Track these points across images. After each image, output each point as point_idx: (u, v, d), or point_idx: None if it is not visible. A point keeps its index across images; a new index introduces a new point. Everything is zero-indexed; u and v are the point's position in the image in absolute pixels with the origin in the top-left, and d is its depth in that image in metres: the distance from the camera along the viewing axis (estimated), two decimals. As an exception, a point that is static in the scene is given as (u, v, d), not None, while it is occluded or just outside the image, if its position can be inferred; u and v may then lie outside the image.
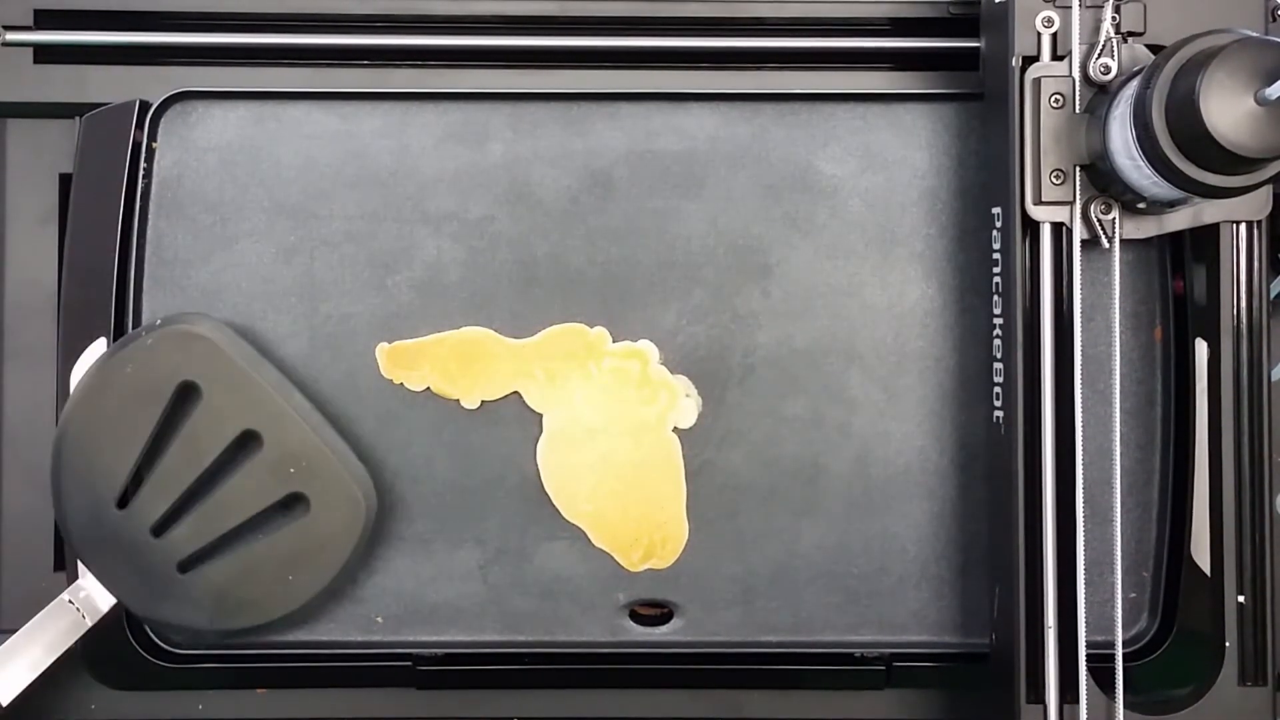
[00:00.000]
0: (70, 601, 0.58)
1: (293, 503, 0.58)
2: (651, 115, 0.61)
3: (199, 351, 0.57)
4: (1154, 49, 0.54)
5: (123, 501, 0.57)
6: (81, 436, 0.57)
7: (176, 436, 0.57)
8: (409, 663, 0.61)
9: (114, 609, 0.58)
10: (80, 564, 0.58)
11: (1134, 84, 0.51)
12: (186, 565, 0.58)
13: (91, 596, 0.58)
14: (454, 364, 0.61)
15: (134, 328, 0.60)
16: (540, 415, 0.61)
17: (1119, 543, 0.56)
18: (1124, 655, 0.55)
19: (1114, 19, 0.55)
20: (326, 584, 0.58)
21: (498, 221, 0.61)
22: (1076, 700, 0.55)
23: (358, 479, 0.58)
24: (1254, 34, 0.48)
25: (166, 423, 0.57)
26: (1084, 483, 0.56)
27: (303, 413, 0.58)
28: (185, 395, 0.57)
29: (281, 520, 0.58)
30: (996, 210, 0.57)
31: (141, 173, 0.60)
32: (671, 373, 0.61)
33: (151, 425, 0.57)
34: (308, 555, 0.58)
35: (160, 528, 0.57)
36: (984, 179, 0.60)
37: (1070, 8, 0.55)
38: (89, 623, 0.58)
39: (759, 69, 0.63)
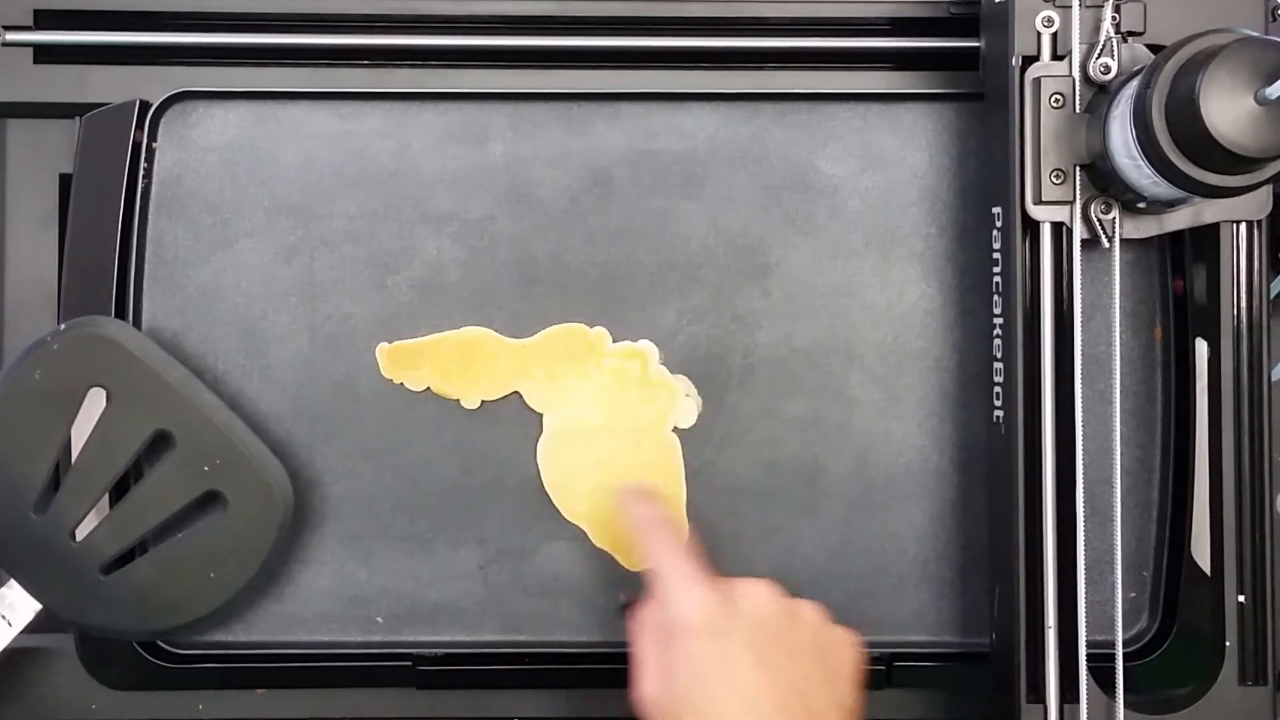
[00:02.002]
0: None
1: (209, 500, 0.58)
2: (651, 115, 0.61)
3: (105, 354, 0.57)
4: (1154, 49, 0.54)
5: (40, 507, 0.57)
6: None
7: (90, 440, 0.57)
8: (409, 663, 0.61)
9: (39, 614, 0.58)
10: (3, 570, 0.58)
11: (1134, 84, 0.51)
12: (109, 568, 0.58)
13: (15, 603, 0.58)
14: (454, 364, 0.61)
15: (134, 328, 0.60)
16: (540, 415, 0.61)
17: (1119, 542, 0.56)
18: (1124, 655, 0.55)
19: (1114, 19, 0.55)
20: (248, 579, 0.58)
21: (498, 221, 0.61)
22: (1077, 700, 0.55)
23: (272, 473, 0.58)
24: (1254, 34, 0.48)
25: (78, 427, 0.57)
26: (1084, 482, 0.56)
27: (213, 411, 0.58)
28: (96, 398, 0.57)
29: (199, 519, 0.58)
30: (996, 210, 0.57)
31: (141, 173, 0.60)
32: (671, 373, 0.61)
33: (63, 431, 0.57)
34: (228, 552, 0.58)
35: (79, 532, 0.57)
36: (984, 179, 0.60)
37: (1070, 7, 0.55)
38: (15, 630, 0.58)
39: (759, 69, 0.63)
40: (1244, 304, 0.56)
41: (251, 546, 0.58)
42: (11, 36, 0.61)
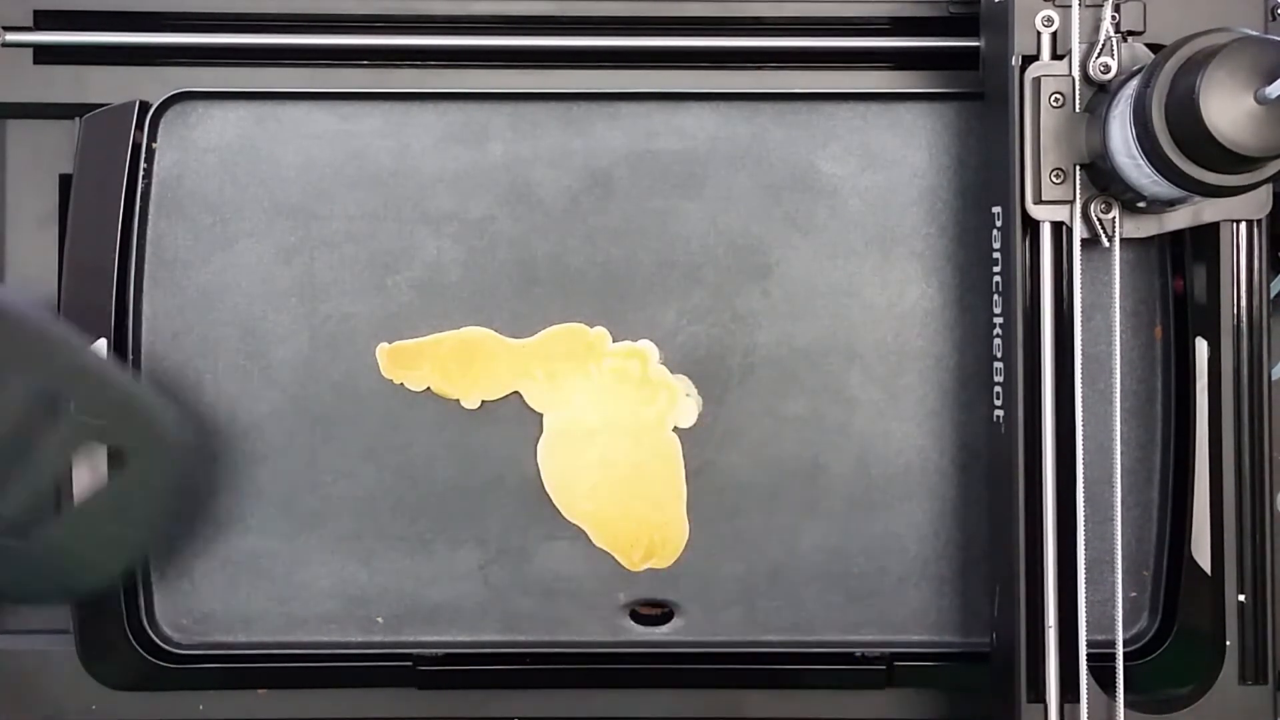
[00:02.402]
0: None
1: (108, 456, 0.57)
2: (651, 115, 0.61)
3: None
4: (1154, 48, 0.54)
5: None
6: None
7: None
8: (409, 663, 0.61)
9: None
10: None
11: (1134, 83, 0.51)
12: (22, 533, 0.57)
13: None
14: (454, 364, 0.61)
15: (134, 328, 0.60)
16: (540, 415, 0.61)
17: (1119, 542, 0.56)
18: (1125, 654, 0.55)
19: (1114, 18, 0.55)
20: (167, 532, 0.58)
21: (498, 221, 0.61)
22: (1077, 699, 0.55)
23: (166, 420, 0.57)
24: (1254, 33, 0.48)
25: None
26: (1084, 482, 0.56)
27: (100, 365, 0.57)
28: None
29: (100, 475, 0.57)
30: (996, 209, 0.57)
31: (141, 173, 0.60)
32: (671, 373, 0.61)
33: None
34: (136, 504, 0.57)
35: None
36: (984, 178, 0.60)
37: (1070, 7, 0.55)
38: None
39: (759, 69, 0.63)
40: (1244, 303, 0.56)
41: (156, 496, 0.57)
42: (11, 37, 0.61)
